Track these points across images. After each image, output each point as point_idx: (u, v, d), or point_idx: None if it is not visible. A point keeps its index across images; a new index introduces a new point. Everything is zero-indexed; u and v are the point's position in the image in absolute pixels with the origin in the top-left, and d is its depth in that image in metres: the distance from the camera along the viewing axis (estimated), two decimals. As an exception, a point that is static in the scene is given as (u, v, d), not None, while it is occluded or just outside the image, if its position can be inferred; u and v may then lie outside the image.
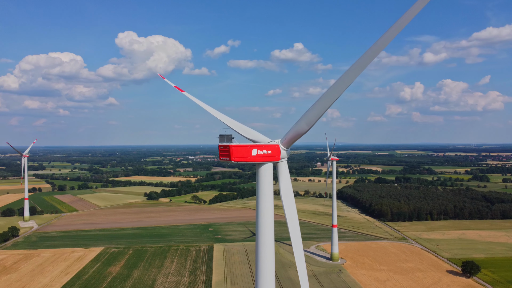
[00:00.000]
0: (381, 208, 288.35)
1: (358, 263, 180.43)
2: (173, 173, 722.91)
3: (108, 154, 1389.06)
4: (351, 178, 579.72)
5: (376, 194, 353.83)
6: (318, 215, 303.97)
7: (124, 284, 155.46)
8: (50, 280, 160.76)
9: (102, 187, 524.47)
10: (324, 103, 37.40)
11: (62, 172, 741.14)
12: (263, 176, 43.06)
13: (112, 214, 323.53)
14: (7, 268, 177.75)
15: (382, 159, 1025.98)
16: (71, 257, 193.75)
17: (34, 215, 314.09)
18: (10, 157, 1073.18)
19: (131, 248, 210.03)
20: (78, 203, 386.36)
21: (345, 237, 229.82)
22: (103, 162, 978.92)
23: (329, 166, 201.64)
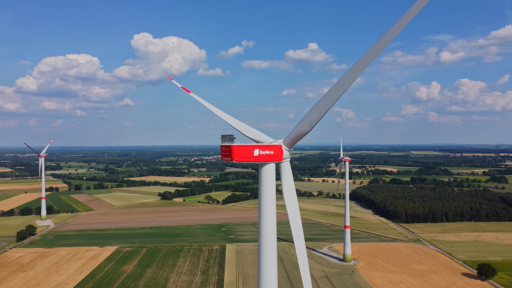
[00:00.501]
0: (396, 209, 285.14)
1: (371, 264, 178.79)
2: (187, 173, 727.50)
3: (124, 154, 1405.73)
4: (366, 179, 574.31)
5: (390, 195, 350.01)
6: (331, 216, 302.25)
7: (137, 283, 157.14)
8: (65, 278, 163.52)
9: (117, 187, 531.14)
10: (326, 104, 37.28)
11: (79, 172, 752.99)
12: (265, 176, 43.10)
13: (127, 214, 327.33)
14: (24, 266, 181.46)
15: (397, 159, 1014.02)
16: (86, 256, 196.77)
17: (51, 214, 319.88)
18: (29, 157, 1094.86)
19: (144, 247, 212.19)
20: (93, 202, 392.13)
21: (358, 238, 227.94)
22: (119, 162, 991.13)
23: (342, 167, 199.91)
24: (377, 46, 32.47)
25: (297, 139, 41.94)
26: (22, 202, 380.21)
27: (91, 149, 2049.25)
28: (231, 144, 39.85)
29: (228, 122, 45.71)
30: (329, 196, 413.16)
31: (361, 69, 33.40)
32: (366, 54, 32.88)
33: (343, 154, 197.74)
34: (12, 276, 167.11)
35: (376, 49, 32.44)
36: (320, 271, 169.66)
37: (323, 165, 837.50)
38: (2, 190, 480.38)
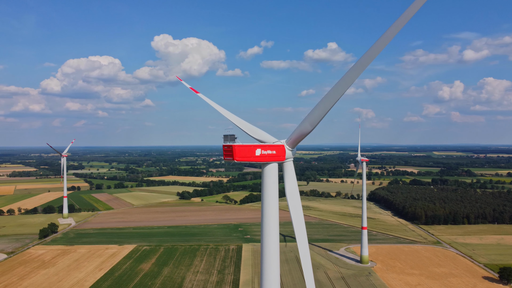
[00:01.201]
0: (415, 211, 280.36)
1: (389, 266, 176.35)
2: (206, 173, 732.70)
3: (144, 154, 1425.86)
4: (385, 180, 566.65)
5: (410, 196, 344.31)
6: (349, 217, 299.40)
7: (154, 281, 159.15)
8: (85, 275, 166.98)
9: (137, 186, 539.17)
10: (326, 104, 37.28)
11: (100, 172, 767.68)
12: (267, 176, 43.16)
13: (146, 213, 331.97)
14: (46, 262, 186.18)
15: (419, 160, 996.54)
16: (105, 254, 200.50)
17: (72, 212, 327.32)
18: (52, 157, 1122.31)
19: (162, 246, 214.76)
20: (114, 201, 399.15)
21: (376, 240, 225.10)
22: (139, 162, 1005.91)
23: (359, 167, 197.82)
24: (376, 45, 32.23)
25: (299, 139, 41.91)
26: (45, 200, 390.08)
27: (112, 149, 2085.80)
28: (232, 144, 40.14)
29: (234, 122, 46.00)
30: (347, 197, 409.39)
31: (361, 69, 33.24)
32: (366, 55, 32.72)
33: (360, 154, 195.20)
34: (34, 272, 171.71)
35: (375, 50, 32.22)
36: (336, 272, 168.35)
37: (342, 165, 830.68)
38: (26, 189, 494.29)
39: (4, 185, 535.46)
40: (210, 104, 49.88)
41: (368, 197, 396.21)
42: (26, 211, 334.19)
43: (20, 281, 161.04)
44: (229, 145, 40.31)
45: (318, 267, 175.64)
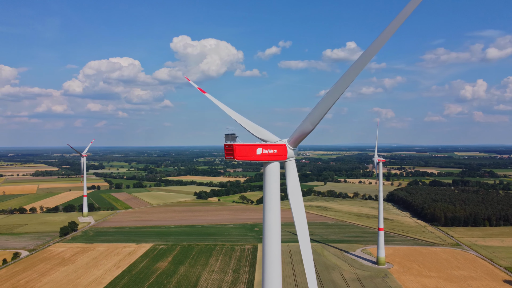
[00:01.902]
0: (434, 212, 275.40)
1: (406, 268, 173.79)
2: (223, 173, 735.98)
3: (163, 154, 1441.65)
4: (404, 181, 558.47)
5: (429, 198, 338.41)
6: (366, 218, 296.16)
7: (170, 280, 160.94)
8: (103, 273, 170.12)
9: (155, 186, 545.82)
10: (327, 103, 37.30)
11: (120, 171, 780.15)
12: (269, 175, 43.27)
13: (163, 212, 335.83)
14: (66, 260, 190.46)
15: (439, 161, 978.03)
16: (123, 252, 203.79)
17: (92, 211, 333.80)
18: (74, 157, 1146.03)
19: (178, 245, 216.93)
20: (132, 201, 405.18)
21: (394, 241, 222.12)
22: (158, 162, 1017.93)
23: (376, 168, 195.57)
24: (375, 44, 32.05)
25: (301, 138, 41.98)
26: (66, 199, 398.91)
27: (132, 149, 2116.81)
28: (233, 143, 40.49)
29: (238, 121, 46.33)
30: (365, 198, 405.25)
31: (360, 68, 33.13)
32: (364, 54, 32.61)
33: (377, 155, 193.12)
34: (54, 269, 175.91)
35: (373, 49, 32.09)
36: (352, 274, 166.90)
37: (360, 166, 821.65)
38: (48, 188, 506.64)
39: (27, 184, 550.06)
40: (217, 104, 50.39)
41: (386, 198, 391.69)
42: (48, 209, 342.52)
43: (41, 277, 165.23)
44: (230, 144, 40.70)
45: (334, 268, 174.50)
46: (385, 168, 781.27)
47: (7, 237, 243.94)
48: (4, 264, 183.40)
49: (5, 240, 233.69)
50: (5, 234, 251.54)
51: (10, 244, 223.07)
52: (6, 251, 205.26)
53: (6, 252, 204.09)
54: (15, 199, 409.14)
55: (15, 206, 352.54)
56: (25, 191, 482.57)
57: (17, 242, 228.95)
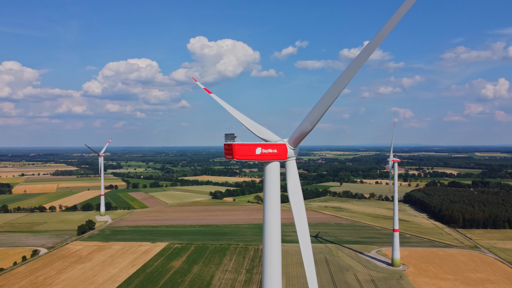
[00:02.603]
0: (452, 214, 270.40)
1: (421, 270, 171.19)
2: (239, 173, 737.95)
3: (180, 155, 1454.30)
4: (422, 182, 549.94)
5: (447, 199, 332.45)
6: (382, 219, 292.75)
7: (184, 278, 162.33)
8: (118, 271, 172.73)
9: (171, 186, 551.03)
10: (326, 102, 37.26)
11: (137, 171, 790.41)
12: (269, 174, 43.61)
13: (179, 212, 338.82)
14: (82, 258, 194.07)
15: (459, 161, 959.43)
16: (138, 251, 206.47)
17: (109, 210, 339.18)
18: (93, 157, 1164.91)
19: (193, 244, 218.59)
20: (149, 200, 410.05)
21: (410, 243, 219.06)
22: (174, 162, 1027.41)
23: (391, 168, 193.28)
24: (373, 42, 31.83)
25: (301, 138, 42.11)
26: (84, 198, 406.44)
27: (149, 149, 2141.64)
28: (232, 143, 40.88)
29: (241, 121, 46.63)
30: (381, 199, 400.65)
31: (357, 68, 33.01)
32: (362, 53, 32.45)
33: (393, 155, 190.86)
34: (71, 267, 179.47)
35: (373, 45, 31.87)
36: (366, 275, 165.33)
37: (378, 166, 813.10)
38: (67, 187, 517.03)
39: (47, 184, 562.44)
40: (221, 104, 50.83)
41: (403, 199, 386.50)
42: (67, 208, 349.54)
43: (58, 274, 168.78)
44: (229, 143, 41.15)
45: (348, 269, 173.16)
46: (403, 169, 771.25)
47: (27, 234, 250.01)
48: (23, 261, 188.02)
49: (25, 238, 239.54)
50: (25, 232, 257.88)
51: (30, 242, 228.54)
52: (26, 249, 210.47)
53: (25, 249, 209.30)
54: (35, 198, 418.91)
55: (35, 204, 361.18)
56: (45, 190, 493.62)
57: (36, 239, 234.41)
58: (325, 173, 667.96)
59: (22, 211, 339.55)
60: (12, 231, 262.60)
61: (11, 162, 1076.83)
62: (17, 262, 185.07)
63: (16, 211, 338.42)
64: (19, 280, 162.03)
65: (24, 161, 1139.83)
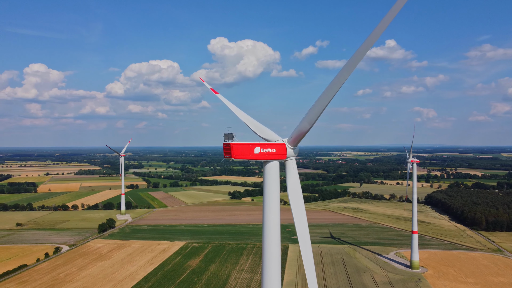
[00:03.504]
0: (475, 216, 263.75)
1: (441, 273, 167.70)
2: (258, 173, 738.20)
3: (200, 154, 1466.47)
4: (445, 183, 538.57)
5: (470, 201, 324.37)
6: (402, 221, 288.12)
7: (201, 277, 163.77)
8: (137, 269, 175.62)
9: (191, 186, 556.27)
10: (322, 102, 37.19)
11: (158, 171, 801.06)
12: (268, 174, 43.69)
13: (197, 211, 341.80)
14: (102, 255, 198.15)
15: (484, 162, 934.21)
16: (156, 249, 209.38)
17: (129, 209, 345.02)
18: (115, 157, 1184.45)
19: (210, 243, 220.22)
20: (168, 199, 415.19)
21: (430, 245, 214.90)
22: (194, 162, 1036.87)
23: (409, 169, 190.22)
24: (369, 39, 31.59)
25: (299, 137, 42.15)
26: (106, 197, 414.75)
27: (170, 149, 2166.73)
28: (230, 142, 41.22)
29: (245, 121, 46.92)
30: (402, 200, 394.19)
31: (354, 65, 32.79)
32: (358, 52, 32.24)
33: (412, 155, 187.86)
34: (92, 264, 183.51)
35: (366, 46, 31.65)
36: (383, 277, 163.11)
37: (399, 167, 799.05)
38: (90, 186, 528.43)
39: (71, 183, 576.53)
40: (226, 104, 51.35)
41: (424, 201, 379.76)
42: (88, 207, 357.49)
43: (79, 271, 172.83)
44: (228, 143, 41.52)
45: (365, 271, 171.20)
46: (425, 170, 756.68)
47: (50, 232, 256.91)
48: (46, 257, 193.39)
49: (48, 235, 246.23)
50: (49, 230, 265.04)
51: (53, 239, 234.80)
52: (49, 246, 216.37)
53: (48, 246, 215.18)
54: (59, 197, 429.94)
55: (58, 203, 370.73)
56: (69, 189, 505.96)
57: (59, 237, 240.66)
58: (345, 173, 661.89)
59: (46, 209, 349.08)
60: (36, 228, 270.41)
61: (37, 162, 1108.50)
62: (40, 259, 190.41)
63: (40, 209, 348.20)
64: (42, 276, 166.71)
65: (49, 160, 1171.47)
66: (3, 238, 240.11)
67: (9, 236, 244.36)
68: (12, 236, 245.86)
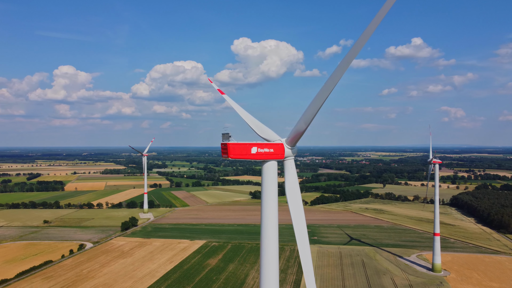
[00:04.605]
0: (502, 218, 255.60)
1: (464, 277, 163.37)
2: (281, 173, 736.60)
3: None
4: (472, 184, 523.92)
5: (497, 203, 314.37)
6: (425, 223, 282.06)
7: (219, 276, 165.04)
8: (157, 267, 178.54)
9: (213, 185, 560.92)
10: (318, 102, 37.14)
11: (181, 171, 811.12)
12: (266, 174, 43.92)
13: (218, 211, 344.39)
14: (124, 253, 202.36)
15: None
16: (177, 248, 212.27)
17: (152, 208, 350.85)
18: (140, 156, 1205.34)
19: (230, 243, 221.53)
20: (190, 199, 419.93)
21: (454, 248, 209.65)
22: (217, 162, 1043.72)
23: (431, 169, 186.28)
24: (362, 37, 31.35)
25: (297, 137, 42.22)
26: (129, 196, 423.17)
27: (194, 149, 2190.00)
28: (227, 142, 41.64)
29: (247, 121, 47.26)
30: (426, 202, 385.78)
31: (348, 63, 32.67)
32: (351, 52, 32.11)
33: (432, 155, 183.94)
34: (113, 261, 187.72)
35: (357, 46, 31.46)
36: (404, 280, 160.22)
37: (424, 168, 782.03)
38: (115, 185, 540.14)
39: (96, 182, 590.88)
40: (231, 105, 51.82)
41: (450, 202, 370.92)
42: (113, 205, 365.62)
43: (101, 268, 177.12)
44: (225, 143, 42.01)
45: (385, 273, 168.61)
46: (452, 171, 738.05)
47: (75, 229, 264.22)
48: (70, 254, 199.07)
49: (73, 233, 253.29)
50: (74, 227, 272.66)
51: (78, 236, 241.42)
52: (74, 243, 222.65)
53: (73, 243, 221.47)
54: (85, 195, 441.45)
55: (84, 201, 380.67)
56: (95, 187, 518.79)
57: (83, 234, 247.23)
58: (368, 174, 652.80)
59: (72, 207, 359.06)
60: (62, 225, 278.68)
61: (65, 161, 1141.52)
62: (65, 255, 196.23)
63: (67, 207, 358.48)
64: (66, 272, 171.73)
65: (77, 160, 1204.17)
66: (31, 234, 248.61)
67: (37, 233, 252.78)
68: (39, 233, 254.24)
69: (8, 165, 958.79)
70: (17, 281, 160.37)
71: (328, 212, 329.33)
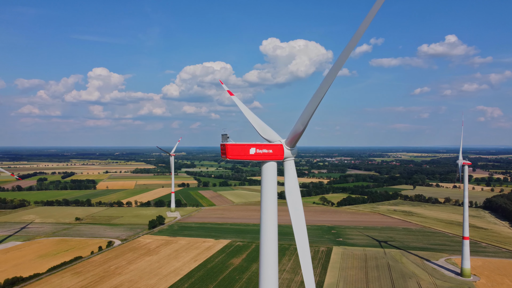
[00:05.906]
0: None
1: (495, 282, 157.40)
2: (307, 174, 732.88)
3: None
4: (508, 187, 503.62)
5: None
6: (456, 226, 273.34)
7: (242, 276, 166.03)
8: (181, 265, 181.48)
9: (239, 185, 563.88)
10: (314, 103, 36.94)
11: (208, 170, 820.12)
12: (265, 174, 44.06)
13: (244, 210, 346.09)
14: (151, 251, 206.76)
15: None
16: (201, 246, 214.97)
17: (179, 207, 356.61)
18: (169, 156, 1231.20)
19: (254, 243, 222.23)
20: (216, 198, 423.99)
21: (485, 252, 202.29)
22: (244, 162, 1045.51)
23: (460, 171, 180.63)
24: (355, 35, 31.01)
25: (295, 138, 42.13)
26: (158, 195, 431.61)
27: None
28: (225, 143, 42.01)
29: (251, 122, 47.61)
30: (458, 204, 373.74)
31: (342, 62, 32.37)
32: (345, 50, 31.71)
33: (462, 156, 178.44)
34: (140, 258, 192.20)
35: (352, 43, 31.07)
36: (430, 284, 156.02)
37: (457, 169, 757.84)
38: (144, 184, 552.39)
39: (127, 181, 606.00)
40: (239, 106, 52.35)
41: (483, 205, 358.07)
42: (141, 204, 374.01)
43: (128, 265, 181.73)
44: (223, 144, 42.43)
45: (411, 277, 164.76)
46: (487, 172, 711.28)
47: (105, 227, 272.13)
48: (99, 250, 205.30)
49: (103, 230, 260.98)
50: (104, 224, 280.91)
51: (107, 234, 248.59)
52: (103, 240, 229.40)
53: (102, 240, 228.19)
54: (115, 194, 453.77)
55: (114, 200, 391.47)
56: (125, 186, 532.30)
57: (112, 232, 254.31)
58: (397, 175, 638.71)
59: (103, 205, 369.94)
60: (92, 223, 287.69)
61: (98, 160, 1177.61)
62: (94, 252, 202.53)
63: (97, 205, 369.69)
64: (94, 268, 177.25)
65: (109, 159, 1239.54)
66: (63, 231, 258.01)
67: (69, 230, 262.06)
68: (71, 229, 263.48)
69: (44, 164, 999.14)
70: (48, 275, 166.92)
71: (355, 214, 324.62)
